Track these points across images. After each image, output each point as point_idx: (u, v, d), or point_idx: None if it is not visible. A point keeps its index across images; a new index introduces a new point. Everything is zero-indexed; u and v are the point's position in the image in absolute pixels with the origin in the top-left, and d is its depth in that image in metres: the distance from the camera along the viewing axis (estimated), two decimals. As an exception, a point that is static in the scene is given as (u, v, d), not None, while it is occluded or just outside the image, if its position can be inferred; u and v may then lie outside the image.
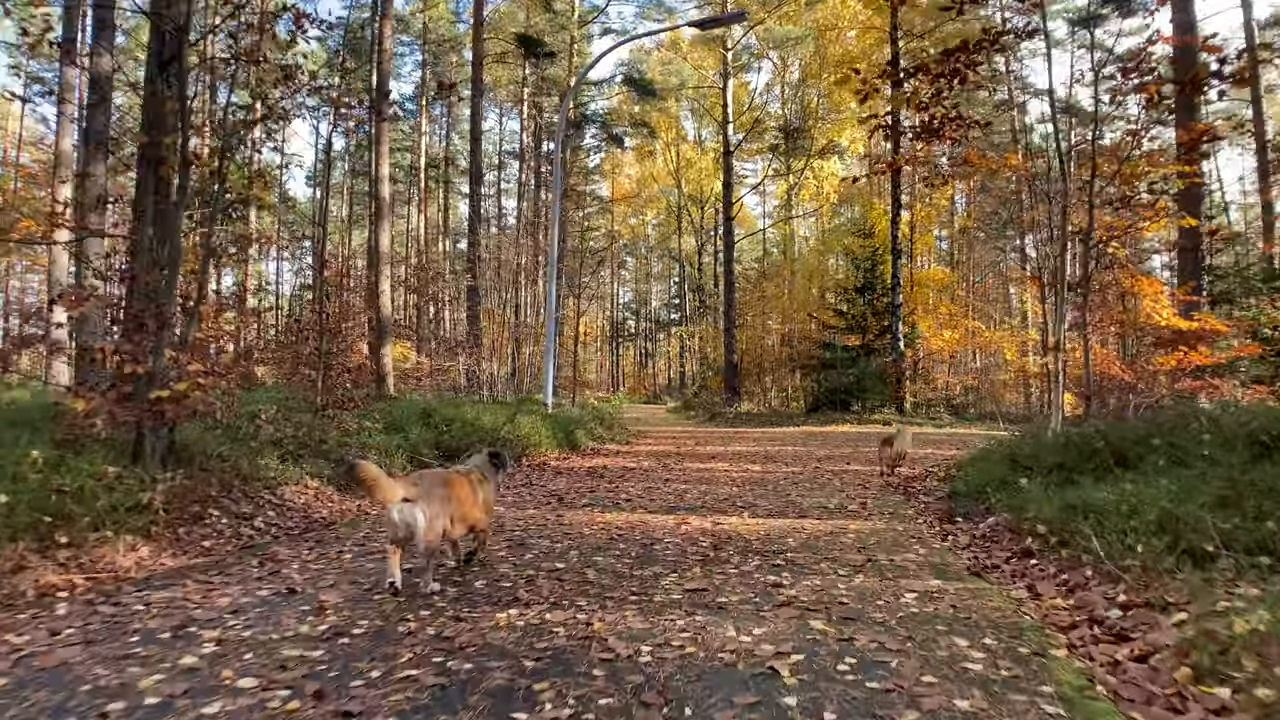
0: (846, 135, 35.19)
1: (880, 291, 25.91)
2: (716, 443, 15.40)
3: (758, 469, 9.92)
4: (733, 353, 28.47)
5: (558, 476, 9.26)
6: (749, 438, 17.02)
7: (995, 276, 43.88)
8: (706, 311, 42.22)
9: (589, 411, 16.64)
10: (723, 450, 13.23)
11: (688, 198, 44.63)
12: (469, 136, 25.13)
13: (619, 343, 59.97)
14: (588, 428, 14.47)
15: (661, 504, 7.00)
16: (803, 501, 7.12)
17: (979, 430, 21.57)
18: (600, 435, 14.61)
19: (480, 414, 10.63)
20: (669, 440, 16.15)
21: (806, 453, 12.65)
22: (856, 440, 15.82)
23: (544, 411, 14.88)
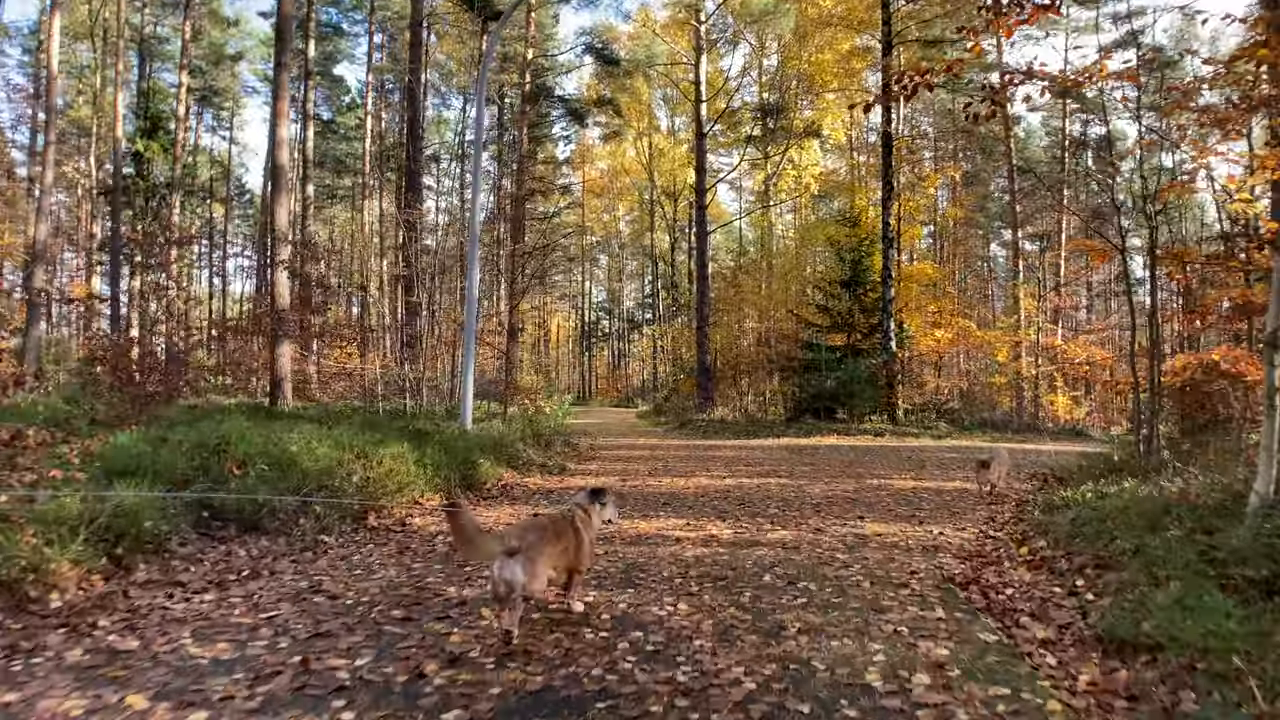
0: (828, 122, 31.86)
1: (868, 286, 22.45)
2: (680, 464, 11.82)
3: (728, 533, 6.34)
4: (705, 354, 24.91)
5: (375, 549, 5.68)
6: (720, 456, 13.45)
7: (975, 276, 40.74)
8: (681, 310, 38.64)
9: (523, 427, 13.00)
10: (682, 485, 9.62)
11: (661, 191, 41.07)
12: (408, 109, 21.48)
13: (591, 344, 56.25)
14: (509, 452, 10.84)
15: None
16: (815, 657, 3.53)
17: (980, 441, 18.13)
18: (528, 461, 10.98)
19: (314, 445, 6.95)
20: (622, 462, 12.54)
21: (796, 489, 9.07)
22: (853, 462, 12.28)
23: (458, 431, 11.25)
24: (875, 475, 10.31)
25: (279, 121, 15.31)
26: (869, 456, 13.50)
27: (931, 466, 11.75)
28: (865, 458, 13.16)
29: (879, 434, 19.06)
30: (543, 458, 11.70)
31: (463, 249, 28.31)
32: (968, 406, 23.81)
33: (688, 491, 8.57)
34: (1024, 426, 22.99)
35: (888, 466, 11.60)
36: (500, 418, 13.78)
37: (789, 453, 14.21)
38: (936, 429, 20.33)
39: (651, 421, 27.50)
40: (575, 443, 14.72)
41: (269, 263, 31.33)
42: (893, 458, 13.39)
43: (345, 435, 7.95)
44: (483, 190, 32.54)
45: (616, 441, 17.69)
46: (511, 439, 11.52)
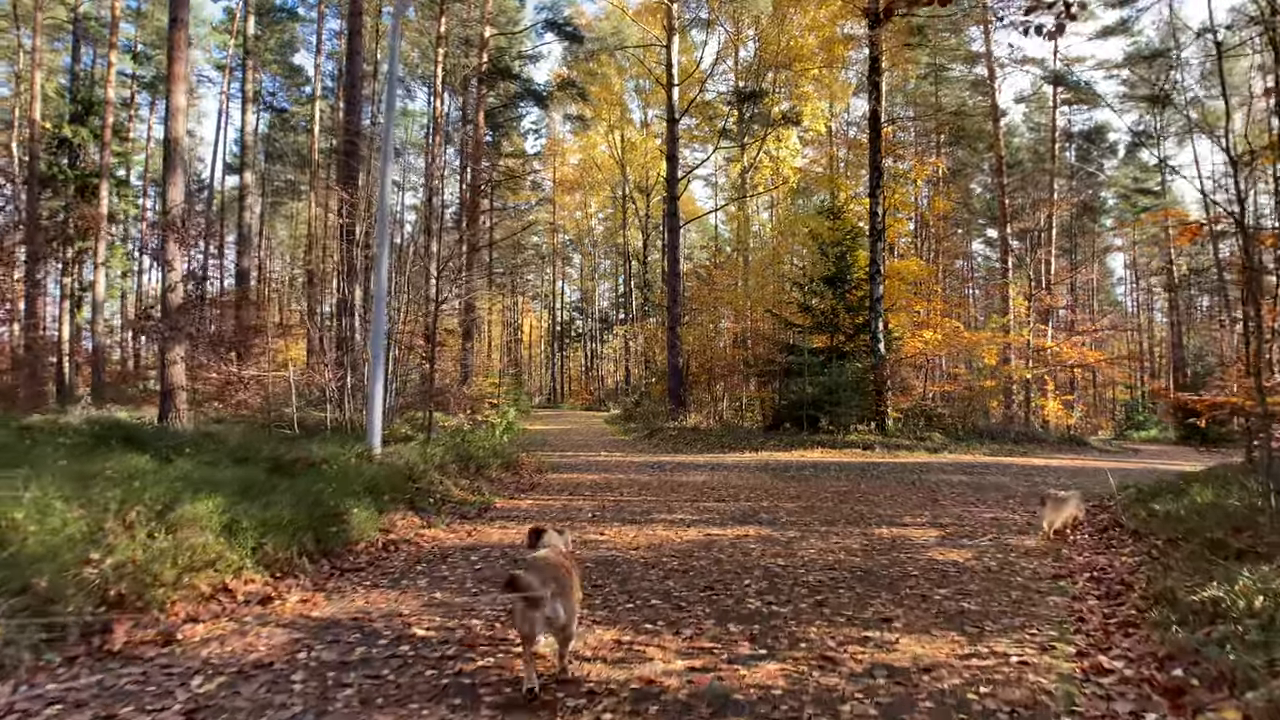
0: (809, 111, 29.51)
1: (853, 283, 20.06)
2: (637, 499, 9.33)
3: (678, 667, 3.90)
4: (677, 356, 22.41)
5: None
6: (689, 483, 10.96)
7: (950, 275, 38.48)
8: (654, 310, 36.07)
9: (450, 449, 10.46)
10: (631, 542, 7.15)
11: (634, 186, 38.53)
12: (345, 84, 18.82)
13: (565, 345, 53.55)
14: (419, 486, 8.31)
15: None
16: None
17: (980, 455, 15.73)
18: (443, 496, 8.46)
19: (54, 505, 4.40)
20: (566, 494, 10.03)
21: (784, 549, 6.63)
22: (848, 492, 9.82)
23: (359, 457, 8.73)
24: (883, 516, 7.87)
25: (173, 86, 12.64)
26: (865, 480, 11.07)
27: (946, 499, 9.33)
28: (861, 483, 10.73)
29: (868, 447, 16.70)
30: (465, 491, 9.17)
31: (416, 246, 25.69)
32: (960, 413, 21.50)
33: (636, 557, 6.05)
34: (1022, 435, 20.71)
35: (893, 500, 9.16)
36: (422, 438, 11.16)
37: (770, 475, 11.74)
38: (930, 440, 18.00)
39: (620, 428, 25.00)
40: (520, 463, 12.20)
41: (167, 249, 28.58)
42: (893, 482, 10.98)
43: (148, 481, 5.41)
44: (442, 181, 29.92)
45: (574, 457, 15.15)
46: (426, 467, 8.97)
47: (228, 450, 8.61)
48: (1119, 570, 5.53)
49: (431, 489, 8.60)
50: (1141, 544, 6.16)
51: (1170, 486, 7.87)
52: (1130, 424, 34.02)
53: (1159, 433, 32.80)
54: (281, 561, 5.38)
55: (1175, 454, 22.69)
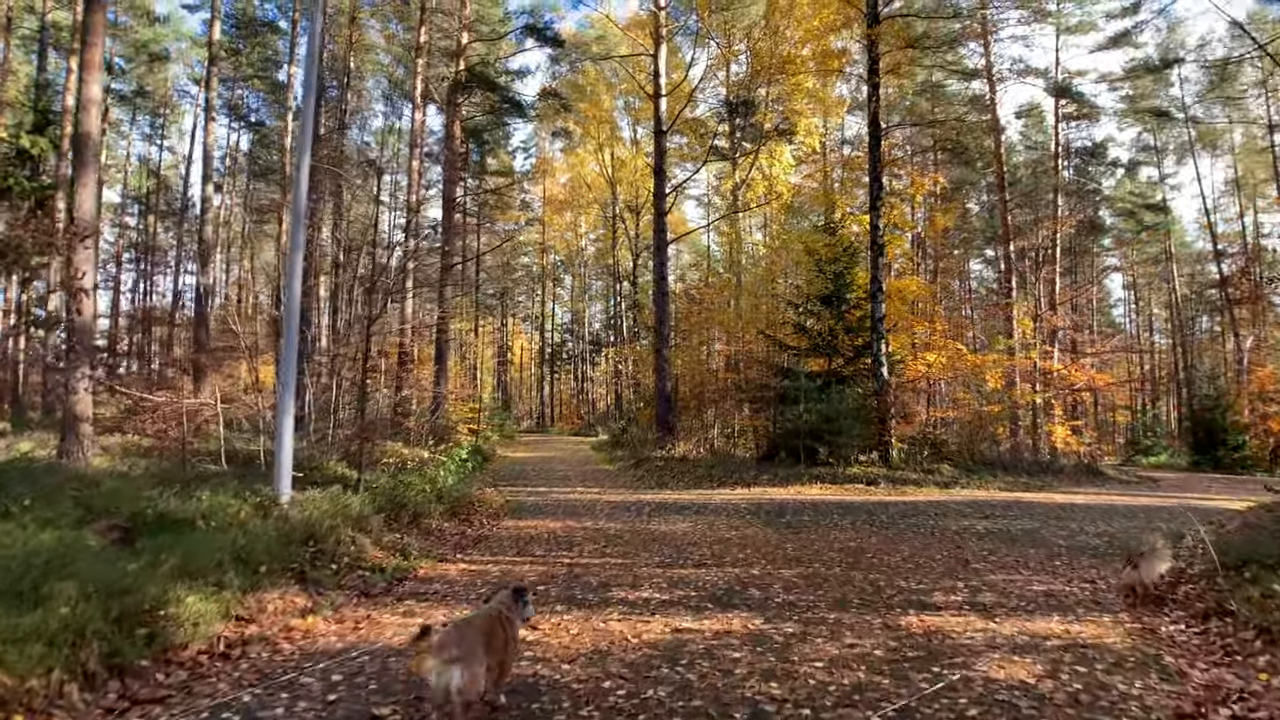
0: (803, 126, 27.89)
1: (852, 302, 18.27)
2: (601, 560, 7.48)
3: None
4: (665, 380, 20.56)
5: None
6: (671, 535, 9.11)
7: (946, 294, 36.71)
8: (645, 331, 34.22)
9: (383, 494, 8.60)
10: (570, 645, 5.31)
11: (624, 205, 36.86)
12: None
13: (555, 367, 51.62)
14: (318, 549, 6.48)
15: None
16: None
17: (996, 491, 13.78)
18: (353, 561, 6.60)
19: None
20: (516, 548, 8.16)
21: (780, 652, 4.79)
22: (858, 550, 7.97)
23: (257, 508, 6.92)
24: (907, 592, 6.01)
25: (87, 75, 10.88)
26: (875, 531, 9.20)
27: (977, 559, 7.47)
28: (872, 536, 8.85)
29: (872, 482, 14.82)
30: (386, 551, 7.31)
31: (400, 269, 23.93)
32: (967, 442, 19.64)
33: (569, 679, 4.18)
34: (1035, 466, 18.84)
35: (915, 563, 7.28)
36: (355, 479, 9.26)
37: (763, 523, 9.84)
38: (938, 473, 16.13)
39: (607, 456, 23.12)
40: (474, 506, 10.34)
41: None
42: (908, 532, 9.11)
43: None
44: (422, 198, 28.19)
45: (546, 494, 13.26)
46: (335, 523, 7.09)
47: (85, 501, 6.77)
48: (1268, 703, 3.70)
49: (338, 551, 6.74)
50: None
51: (1266, 544, 6.02)
52: (1138, 449, 32.18)
53: (1169, 457, 30.96)
54: (31, 694, 3.52)
55: (1197, 483, 20.88)
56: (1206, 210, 35.49)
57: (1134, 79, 28.08)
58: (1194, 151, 35.20)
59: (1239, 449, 27.10)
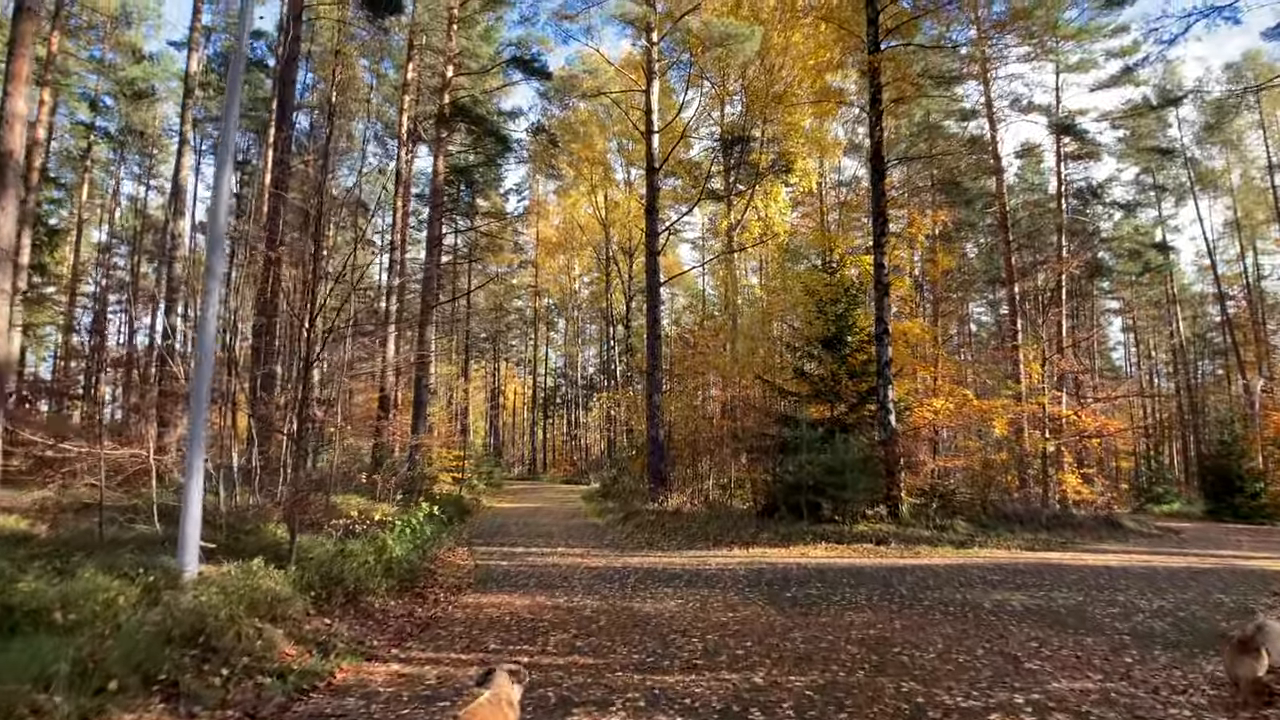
0: (798, 168, 26.95)
1: (855, 345, 16.97)
2: (566, 652, 6.03)
3: None
4: (658, 427, 19.15)
5: None
6: (657, 617, 7.63)
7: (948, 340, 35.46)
8: (638, 376, 32.81)
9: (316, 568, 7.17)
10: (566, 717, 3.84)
11: (618, 247, 35.80)
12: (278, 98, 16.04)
13: (549, 412, 50.08)
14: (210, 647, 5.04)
15: None
16: None
17: (1017, 550, 12.22)
18: (251, 662, 5.16)
19: None
20: (474, 631, 6.70)
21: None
22: (881, 640, 6.51)
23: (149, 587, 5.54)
24: (952, 708, 4.57)
25: (11, 88, 9.69)
26: (896, 610, 7.74)
27: (1027, 651, 6.03)
28: (894, 618, 7.38)
29: (881, 540, 13.38)
30: (305, 643, 5.86)
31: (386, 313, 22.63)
32: (979, 494, 18.18)
33: None
34: (1053, 519, 17.36)
35: (954, 661, 5.83)
36: (288, 549, 7.79)
37: (765, 599, 8.36)
38: (952, 530, 14.67)
39: (596, 508, 21.60)
40: (434, 573, 8.89)
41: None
42: (936, 611, 7.66)
43: None
44: (408, 238, 27.06)
45: (522, 557, 11.76)
46: (233, 612, 5.64)
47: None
48: None
49: (236, 649, 5.28)
50: None
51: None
52: (1148, 496, 30.65)
53: (1182, 506, 29.44)
54: None
55: (1220, 535, 19.50)
56: (1210, 251, 34.56)
57: (1136, 116, 27.23)
58: (1194, 192, 34.38)
59: (1256, 497, 25.66)
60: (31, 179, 21.65)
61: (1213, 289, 41.33)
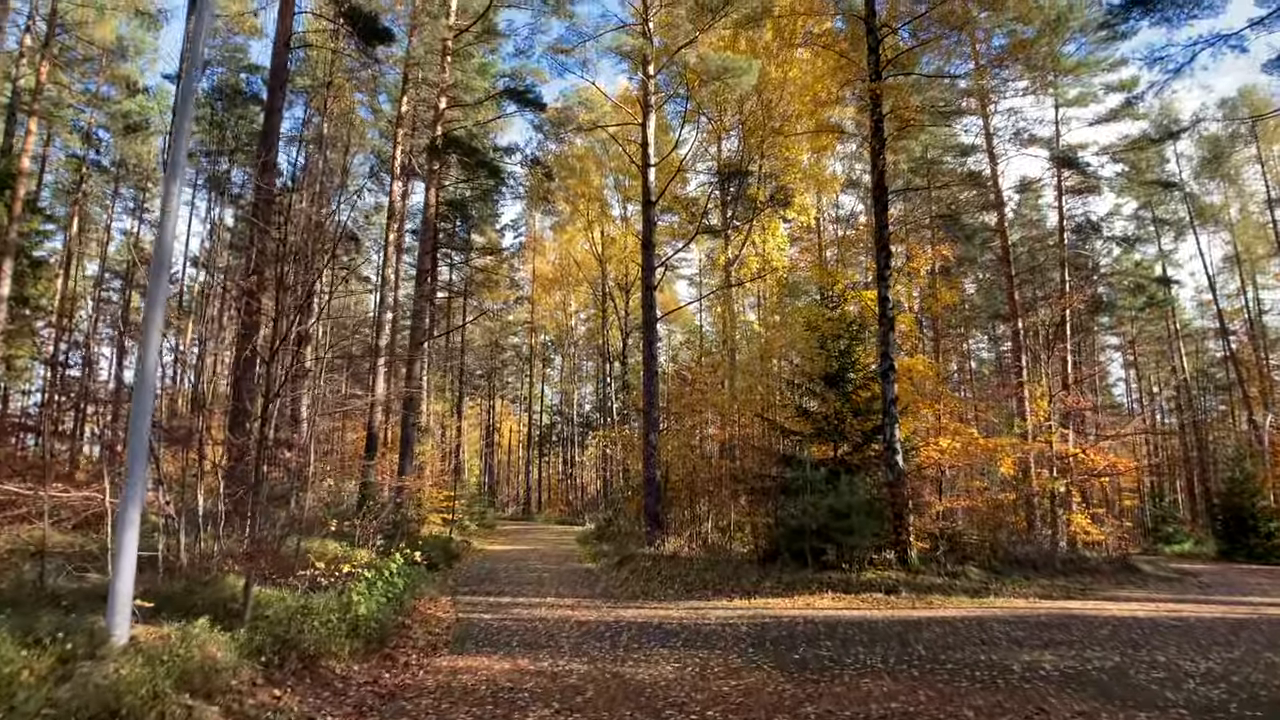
0: (796, 204, 26.58)
1: (859, 382, 16.26)
2: None
3: None
4: (654, 468, 18.33)
5: None
6: (647, 681, 6.79)
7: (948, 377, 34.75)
8: (635, 414, 31.98)
9: (275, 627, 6.36)
10: None
11: (614, 284, 35.26)
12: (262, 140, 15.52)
13: (544, 450, 49.11)
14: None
15: None
16: None
17: (1037, 599, 11.25)
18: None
19: None
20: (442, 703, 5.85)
21: None
22: (892, 698, 5.66)
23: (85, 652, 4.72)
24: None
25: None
26: (918, 675, 6.89)
27: (1064, 717, 5.23)
28: (917, 686, 6.52)
29: (891, 589, 12.52)
30: None
31: (375, 349, 21.91)
32: (989, 537, 17.33)
33: None
34: (1068, 563, 16.47)
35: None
36: (239, 605, 6.96)
37: (772, 662, 7.51)
38: (965, 576, 13.82)
39: (591, 551, 20.70)
40: (404, 635, 8.05)
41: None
42: (960, 675, 6.82)
43: None
44: (400, 273, 26.44)
45: (509, 608, 10.89)
46: (159, 685, 4.83)
47: None
48: None
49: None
50: None
51: None
52: (1158, 536, 29.72)
53: (1193, 546, 28.51)
54: None
55: (1241, 579, 18.61)
56: (1211, 285, 34.05)
57: (1137, 150, 26.87)
58: (1194, 227, 33.98)
59: (1270, 537, 24.73)
60: (15, 209, 21.07)
61: (1213, 324, 40.86)
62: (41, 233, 23.56)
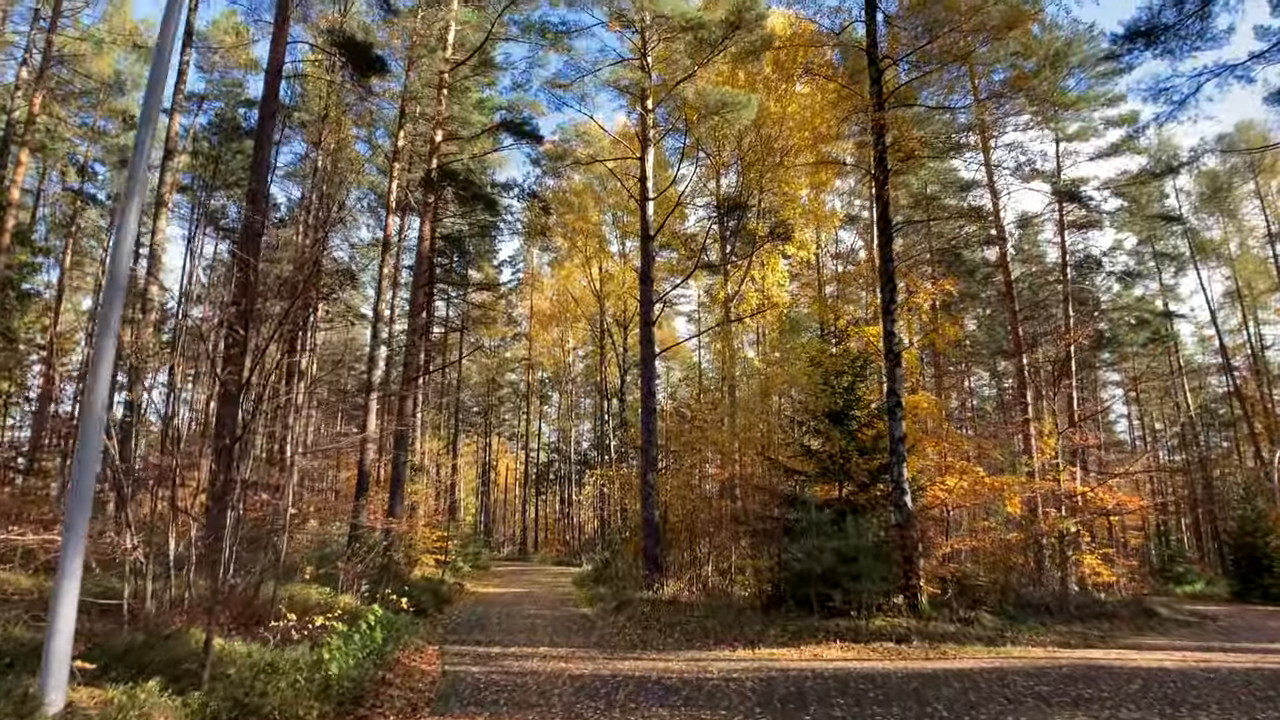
0: (795, 241, 26.31)
1: (864, 419, 15.71)
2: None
3: None
4: (652, 509, 17.68)
5: None
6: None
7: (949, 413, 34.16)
8: (633, 452, 31.28)
9: (233, 690, 5.74)
10: None
11: (612, 320, 34.84)
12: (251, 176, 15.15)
13: (541, 489, 48.28)
14: None
15: None
16: None
17: (1055, 649, 10.50)
18: None
19: None
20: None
21: None
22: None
23: None
24: None
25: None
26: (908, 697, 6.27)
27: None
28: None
29: (903, 638, 11.85)
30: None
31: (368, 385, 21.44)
32: (999, 579, 16.65)
33: None
34: (1083, 607, 15.77)
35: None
36: (196, 665, 6.33)
37: (778, 696, 6.90)
38: (978, 624, 13.15)
39: (587, 594, 19.95)
40: (381, 695, 7.41)
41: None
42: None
43: None
44: (395, 308, 26.04)
45: (497, 660, 10.20)
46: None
47: None
48: None
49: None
50: None
51: None
52: (1169, 576, 28.90)
53: (1205, 586, 27.69)
54: None
55: (1262, 621, 17.97)
56: (1214, 320, 33.73)
57: (1139, 185, 26.66)
58: (1195, 262, 33.73)
59: (1291, 578, 24.01)
60: (3, 241, 20.68)
61: (1214, 360, 40.45)
62: (30, 265, 23.14)
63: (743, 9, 18.12)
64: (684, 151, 23.33)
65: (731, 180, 27.32)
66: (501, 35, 19.99)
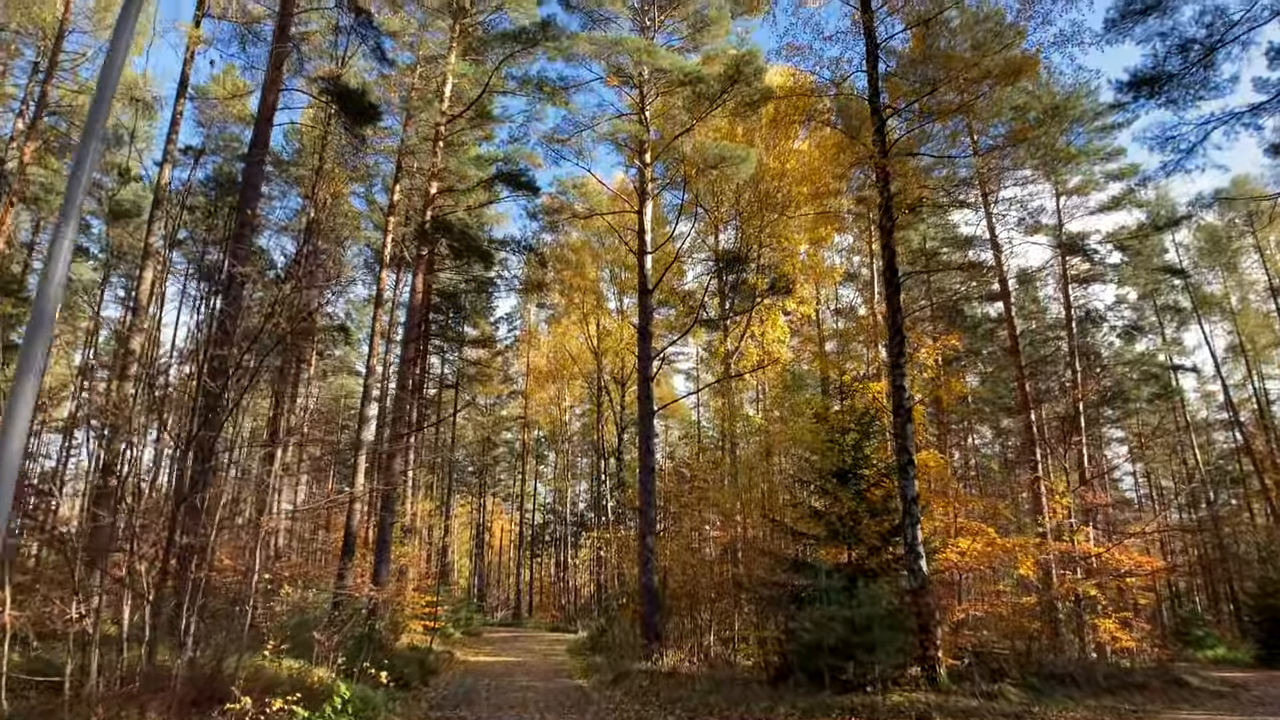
0: (795, 296, 25.85)
1: (872, 479, 14.93)
2: None
3: None
4: (651, 574, 16.76)
5: None
6: None
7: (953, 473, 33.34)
8: (631, 513, 30.31)
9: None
10: None
11: (610, 377, 34.23)
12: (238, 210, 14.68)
13: (536, 551, 46.96)
14: None
15: None
16: None
17: None
18: None
19: None
20: None
21: None
22: None
23: None
24: None
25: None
26: None
27: None
28: None
29: (923, 716, 10.90)
30: None
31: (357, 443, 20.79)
32: (1023, 649, 15.67)
33: None
34: (1111, 678, 14.74)
35: None
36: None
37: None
38: (1004, 698, 12.18)
39: (583, 664, 18.84)
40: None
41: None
42: None
43: None
44: (388, 364, 25.44)
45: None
46: None
47: None
48: None
49: None
50: None
51: None
52: (1187, 640, 27.65)
53: (1227, 651, 26.46)
54: None
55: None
56: (1219, 374, 33.19)
57: (1141, 238, 26.44)
58: (1198, 316, 33.36)
59: (1320, 643, 22.91)
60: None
61: (1218, 415, 39.79)
62: (15, 318, 22.58)
63: (741, 63, 18.02)
64: (682, 207, 23.04)
65: (730, 235, 27.09)
66: (499, 89, 19.87)
